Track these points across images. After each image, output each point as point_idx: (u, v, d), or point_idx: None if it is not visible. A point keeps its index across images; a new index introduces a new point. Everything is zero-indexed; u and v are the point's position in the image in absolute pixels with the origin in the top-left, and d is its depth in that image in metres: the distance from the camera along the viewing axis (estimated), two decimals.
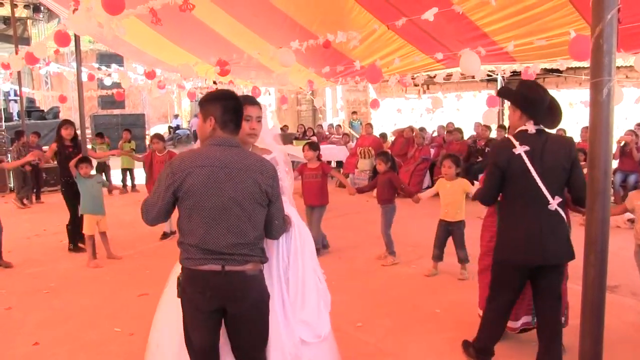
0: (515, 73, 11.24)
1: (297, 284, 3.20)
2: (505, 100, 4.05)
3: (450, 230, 6.12)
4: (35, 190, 12.03)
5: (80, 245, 7.42)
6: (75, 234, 7.50)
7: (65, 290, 5.97)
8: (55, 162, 8.23)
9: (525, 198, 3.48)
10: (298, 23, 9.00)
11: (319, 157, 7.09)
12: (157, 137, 8.36)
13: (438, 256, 6.20)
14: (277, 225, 2.95)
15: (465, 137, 12.46)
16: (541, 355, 3.68)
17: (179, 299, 2.85)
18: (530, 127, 3.51)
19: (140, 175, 11.71)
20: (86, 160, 6.96)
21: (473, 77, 12.22)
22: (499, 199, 3.73)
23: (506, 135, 3.69)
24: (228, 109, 2.83)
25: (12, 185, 12.94)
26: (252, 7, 8.64)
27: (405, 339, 4.53)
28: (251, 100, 3.27)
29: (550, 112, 3.56)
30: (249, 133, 3.17)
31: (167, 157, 7.96)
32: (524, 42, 7.38)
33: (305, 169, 7.00)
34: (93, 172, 7.14)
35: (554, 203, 3.41)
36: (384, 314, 5.04)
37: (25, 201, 11.63)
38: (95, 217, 6.92)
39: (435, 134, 13.91)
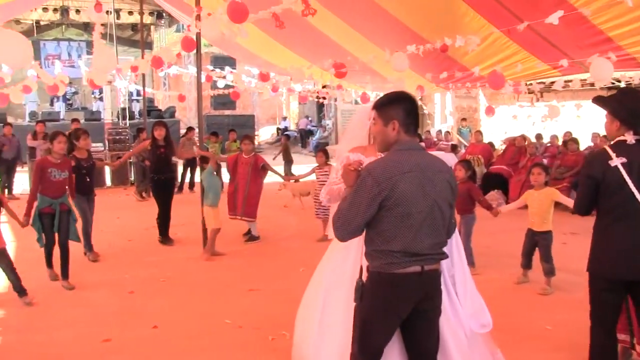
0: None
1: (465, 279, 3.32)
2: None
3: (536, 241, 5.98)
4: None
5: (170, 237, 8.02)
6: (164, 227, 8.01)
7: (180, 280, 6.32)
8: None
9: (621, 211, 3.28)
10: (410, 28, 8.98)
11: None
12: (249, 138, 8.45)
13: (526, 265, 6.10)
14: (452, 224, 2.99)
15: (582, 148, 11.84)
16: None
17: (361, 304, 2.84)
18: (630, 138, 3.28)
19: None
20: (207, 159, 7.49)
21: (592, 84, 11.62)
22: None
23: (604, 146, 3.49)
24: (409, 111, 2.82)
25: (132, 179, 13.86)
26: (365, 13, 8.72)
27: (515, 354, 4.37)
28: None
29: None
30: None
31: (253, 159, 8.06)
32: None
33: None
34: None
35: None
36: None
37: (144, 194, 12.39)
38: (215, 210, 7.28)
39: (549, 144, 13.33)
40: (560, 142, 12.58)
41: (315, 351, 3.29)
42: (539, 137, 13.18)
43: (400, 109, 2.80)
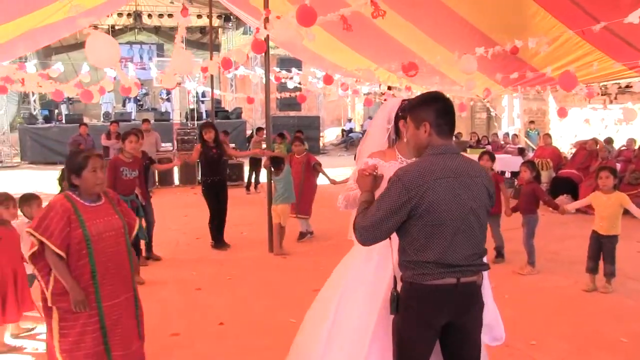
0: None
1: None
2: None
3: (601, 243, 5.89)
4: None
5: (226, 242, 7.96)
6: (218, 232, 7.97)
7: (245, 279, 6.45)
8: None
9: None
10: (478, 29, 8.83)
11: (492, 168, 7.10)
12: (299, 140, 8.46)
13: (592, 269, 5.97)
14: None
15: None
16: None
17: (399, 315, 2.71)
18: None
19: None
20: (282, 160, 7.62)
21: None
22: None
23: None
24: (441, 112, 2.66)
25: (199, 178, 14.19)
26: (432, 14, 8.63)
27: None
28: None
29: None
30: None
31: (305, 159, 8.15)
32: None
33: None
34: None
35: None
36: (560, 335, 4.77)
37: None
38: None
39: (624, 147, 12.78)
40: (637, 146, 12.06)
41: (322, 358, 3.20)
42: (608, 141, 12.60)
43: (430, 109, 2.64)
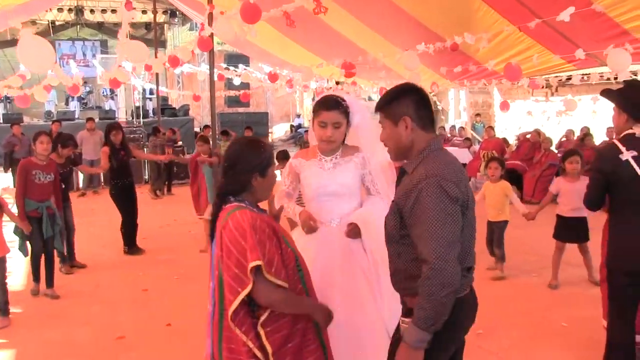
0: None
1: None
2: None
3: (492, 230, 6.24)
4: (167, 183, 12.90)
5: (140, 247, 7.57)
6: (131, 236, 7.52)
7: (193, 277, 6.30)
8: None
9: (636, 205, 3.24)
10: (423, 24, 8.93)
11: None
12: (202, 139, 7.76)
13: (492, 252, 6.31)
14: None
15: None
16: None
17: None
18: (638, 131, 3.27)
19: None
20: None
21: (608, 79, 11.49)
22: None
23: (612, 140, 3.47)
24: (420, 103, 2.28)
25: (147, 177, 13.93)
26: (378, 9, 8.68)
27: (532, 352, 4.35)
28: (328, 105, 2.98)
29: None
30: (324, 140, 3.01)
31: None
32: None
33: None
34: None
35: None
36: (508, 324, 4.87)
37: (158, 192, 12.49)
38: None
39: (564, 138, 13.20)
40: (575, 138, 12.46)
41: None
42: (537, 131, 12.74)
43: (408, 101, 2.25)
